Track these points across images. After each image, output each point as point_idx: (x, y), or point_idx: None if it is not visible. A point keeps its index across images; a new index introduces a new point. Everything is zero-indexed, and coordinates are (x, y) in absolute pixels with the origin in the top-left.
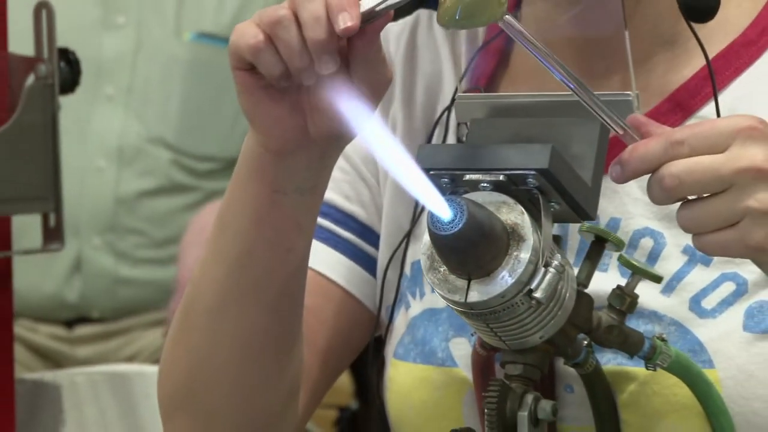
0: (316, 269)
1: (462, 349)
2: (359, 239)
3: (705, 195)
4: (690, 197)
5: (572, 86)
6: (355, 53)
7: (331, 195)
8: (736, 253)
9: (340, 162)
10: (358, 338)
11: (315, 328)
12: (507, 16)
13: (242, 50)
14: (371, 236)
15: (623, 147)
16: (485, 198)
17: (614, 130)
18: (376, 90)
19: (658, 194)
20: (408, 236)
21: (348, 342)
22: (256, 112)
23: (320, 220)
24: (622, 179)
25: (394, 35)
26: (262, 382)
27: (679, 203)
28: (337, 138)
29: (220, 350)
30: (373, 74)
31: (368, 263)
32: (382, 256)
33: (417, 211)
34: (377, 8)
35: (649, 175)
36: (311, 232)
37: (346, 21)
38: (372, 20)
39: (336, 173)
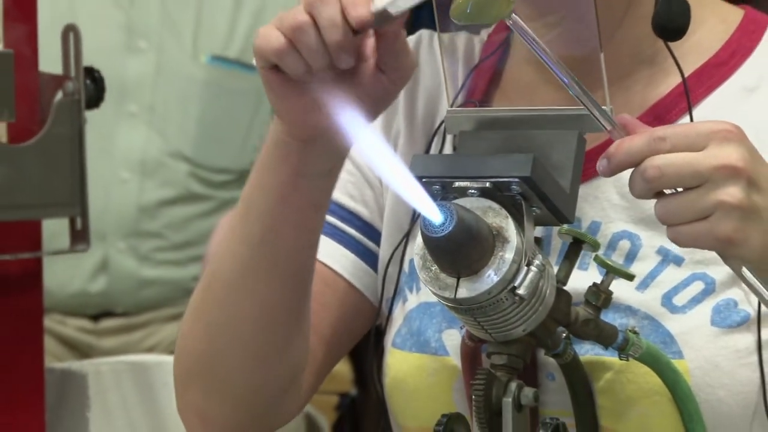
0: (322, 261)
1: (453, 339)
2: (362, 236)
3: (681, 189)
4: (667, 192)
5: (566, 81)
6: (382, 45)
7: (337, 194)
8: (706, 244)
9: (346, 164)
10: (358, 326)
11: (320, 314)
12: (514, 15)
13: (267, 53)
14: (373, 233)
15: (596, 155)
16: (473, 203)
17: (603, 126)
18: (402, 77)
19: (640, 185)
20: (407, 236)
21: (349, 329)
22: (282, 106)
23: (327, 217)
24: (609, 172)
25: None
26: (273, 354)
27: (652, 209)
28: (355, 128)
29: (236, 323)
30: (400, 63)
31: (370, 258)
32: (383, 253)
33: (416, 212)
34: (389, 9)
35: (632, 169)
36: (324, 212)
37: (360, 16)
38: (387, 20)
39: (342, 174)
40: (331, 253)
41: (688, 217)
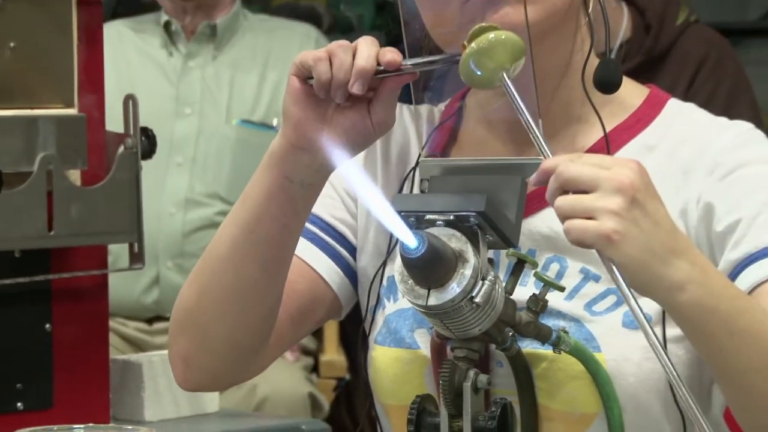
0: (302, 258)
1: (423, 336)
2: (337, 244)
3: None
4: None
5: (533, 128)
6: (381, 95)
7: (318, 210)
8: (590, 238)
9: (329, 191)
10: (323, 314)
11: (292, 298)
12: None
13: (307, 58)
14: (346, 243)
15: (535, 197)
16: (440, 232)
17: (544, 154)
18: (384, 126)
19: (553, 185)
20: (385, 260)
21: (314, 315)
22: (293, 109)
23: (309, 226)
24: (536, 182)
25: None
26: (246, 318)
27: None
28: (338, 153)
29: (220, 289)
30: (386, 114)
31: (341, 262)
32: (366, 270)
33: (392, 242)
34: (408, 63)
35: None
36: (303, 219)
37: (390, 59)
38: (399, 73)
39: (326, 199)
40: (311, 254)
41: (579, 213)
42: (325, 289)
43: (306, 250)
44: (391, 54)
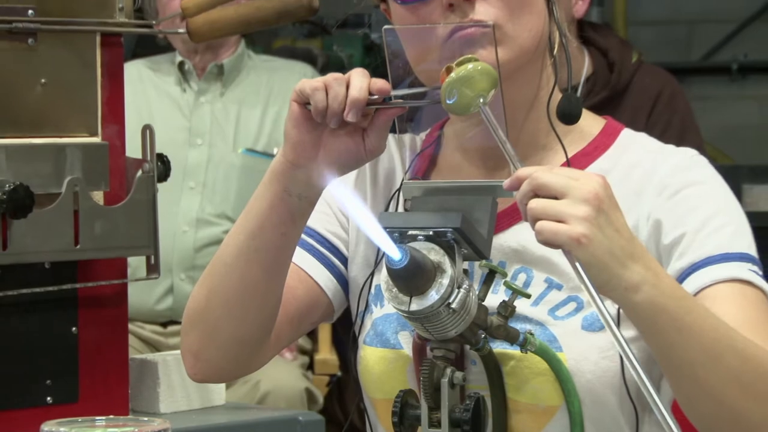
0: (298, 265)
1: (406, 338)
2: (330, 254)
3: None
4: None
5: (509, 151)
6: (375, 123)
7: (315, 224)
8: (561, 240)
9: (323, 206)
10: (317, 317)
11: (290, 301)
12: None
13: (306, 87)
14: (338, 254)
15: (505, 215)
16: (421, 246)
17: (515, 164)
18: (375, 152)
19: (525, 188)
20: (373, 272)
21: (309, 315)
22: (292, 131)
23: (305, 237)
24: (508, 187)
25: None
26: (248, 315)
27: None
28: (331, 172)
29: (227, 289)
30: (379, 141)
31: (334, 270)
32: (356, 279)
33: (379, 255)
34: (396, 98)
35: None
36: (300, 228)
37: (381, 88)
38: (389, 105)
39: (320, 215)
40: (308, 263)
41: (551, 216)
42: (321, 294)
43: (304, 260)
44: (381, 83)
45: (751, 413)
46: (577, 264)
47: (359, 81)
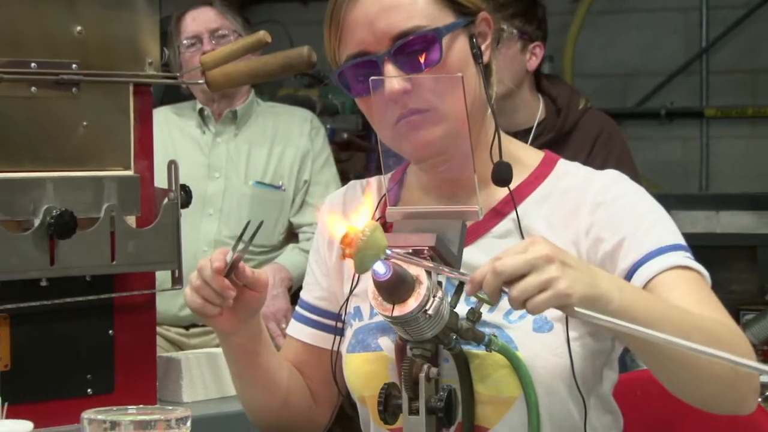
0: (298, 338)
1: (385, 342)
2: (321, 318)
3: (520, 278)
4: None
5: (436, 266)
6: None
7: (306, 296)
8: (555, 303)
9: (309, 277)
10: (326, 360)
11: (309, 372)
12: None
13: (197, 311)
14: (328, 314)
15: (469, 234)
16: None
17: (459, 275)
18: (262, 293)
19: (494, 283)
20: (349, 296)
21: (322, 366)
22: (213, 324)
23: (300, 310)
24: (470, 292)
25: (337, 202)
26: (263, 404)
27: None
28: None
29: (247, 398)
30: (256, 287)
31: (326, 328)
32: (339, 300)
33: (352, 285)
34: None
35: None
36: (266, 349)
37: (218, 266)
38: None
39: (310, 286)
40: (305, 333)
41: (533, 292)
42: (321, 351)
43: (302, 332)
44: (217, 261)
45: (720, 370)
46: (576, 310)
47: (207, 275)
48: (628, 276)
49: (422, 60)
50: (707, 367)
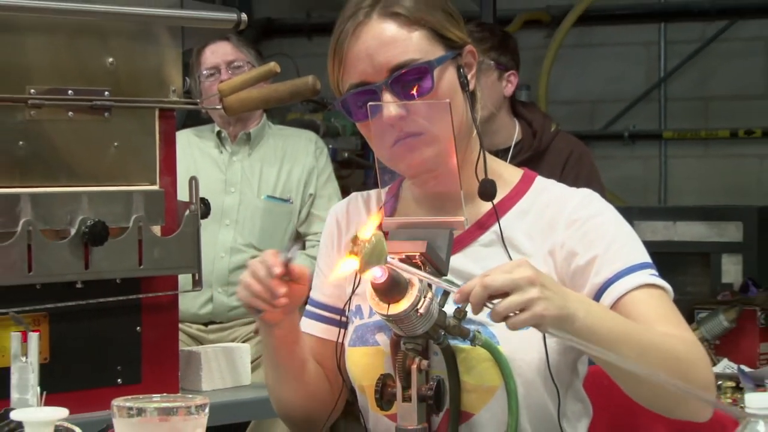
0: (312, 334)
1: (382, 337)
2: (330, 314)
3: (503, 296)
4: (494, 302)
5: (428, 276)
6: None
7: (316, 295)
8: (531, 323)
9: (319, 277)
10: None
11: (324, 363)
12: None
13: (248, 304)
14: (336, 311)
15: (456, 243)
16: (396, 265)
17: (452, 284)
18: (303, 290)
19: (481, 295)
20: (351, 296)
21: (333, 358)
22: (259, 324)
23: (311, 308)
24: (459, 301)
25: (341, 211)
26: (303, 399)
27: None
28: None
29: (280, 390)
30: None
31: (335, 323)
32: (343, 299)
33: (354, 285)
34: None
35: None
36: (301, 340)
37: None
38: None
39: (318, 284)
40: (318, 328)
41: (515, 309)
42: (331, 344)
43: (314, 328)
44: (274, 264)
45: (673, 387)
46: (548, 330)
47: (261, 281)
48: (601, 291)
49: (416, 89)
50: (660, 384)
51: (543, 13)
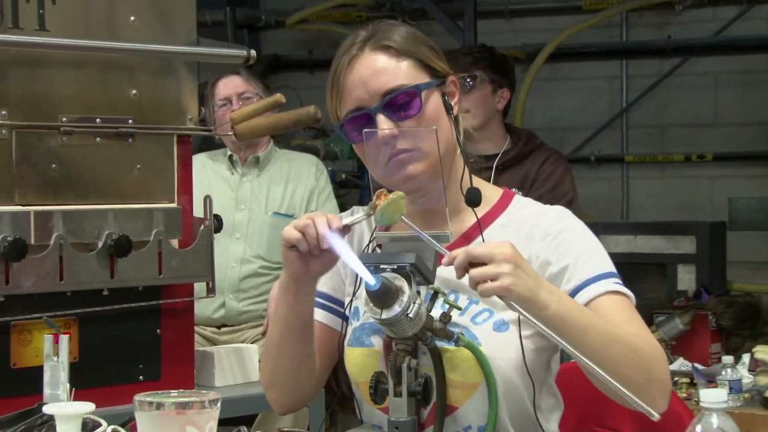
0: (318, 320)
1: (376, 339)
2: (334, 305)
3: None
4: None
5: (423, 236)
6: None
7: (322, 287)
8: (498, 292)
9: (331, 272)
10: (334, 341)
11: (321, 346)
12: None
13: (291, 237)
14: (338, 302)
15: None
16: (388, 275)
17: (441, 251)
18: (331, 262)
19: (463, 259)
20: (352, 298)
21: (332, 349)
22: (289, 263)
23: (318, 299)
24: (447, 263)
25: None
26: (300, 369)
27: (464, 282)
28: (313, 278)
29: (282, 360)
30: (333, 255)
31: (338, 313)
32: (344, 301)
33: (356, 284)
34: (346, 222)
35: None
36: (310, 309)
37: (338, 225)
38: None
39: (325, 278)
40: (322, 316)
41: (487, 278)
42: (333, 332)
43: (318, 314)
44: (336, 221)
45: (636, 377)
46: (511, 302)
47: (322, 225)
48: (571, 296)
49: (406, 111)
50: (623, 374)
51: (519, 51)
